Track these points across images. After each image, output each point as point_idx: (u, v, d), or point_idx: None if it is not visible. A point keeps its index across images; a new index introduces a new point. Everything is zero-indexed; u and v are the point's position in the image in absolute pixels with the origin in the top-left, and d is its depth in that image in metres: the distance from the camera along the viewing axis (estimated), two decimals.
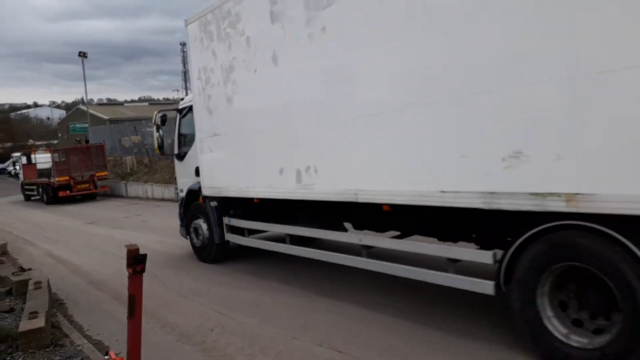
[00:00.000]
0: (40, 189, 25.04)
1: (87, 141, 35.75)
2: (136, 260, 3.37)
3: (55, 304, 6.67)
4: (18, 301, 6.50)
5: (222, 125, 7.32)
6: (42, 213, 20.21)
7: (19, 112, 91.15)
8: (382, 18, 4.60)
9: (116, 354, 4.10)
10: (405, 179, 4.66)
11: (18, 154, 37.16)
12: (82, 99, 62.37)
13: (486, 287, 4.30)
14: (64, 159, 23.93)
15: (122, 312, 5.95)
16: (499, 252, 4.21)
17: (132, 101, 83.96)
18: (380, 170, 4.92)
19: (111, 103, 78.14)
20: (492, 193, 3.93)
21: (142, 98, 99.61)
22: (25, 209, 22.65)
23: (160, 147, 9.49)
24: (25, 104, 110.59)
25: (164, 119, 9.15)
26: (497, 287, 4.20)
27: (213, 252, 8.20)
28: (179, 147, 9.19)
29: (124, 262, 3.42)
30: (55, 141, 56.03)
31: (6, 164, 53.11)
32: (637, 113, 3.08)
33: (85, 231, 13.98)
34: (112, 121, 41.82)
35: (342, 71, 5.15)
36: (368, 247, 5.60)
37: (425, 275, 4.92)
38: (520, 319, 4.06)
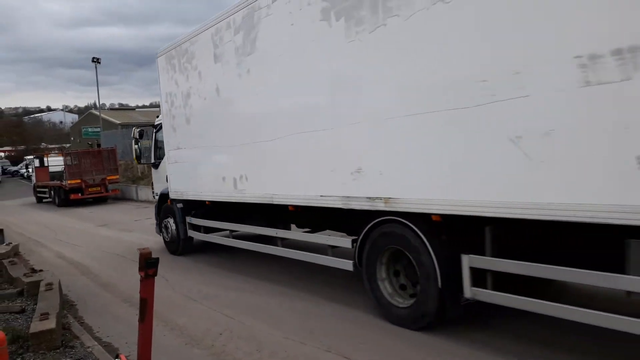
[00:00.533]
0: (52, 192, 25.27)
1: (98, 145, 36.07)
2: (148, 264, 3.39)
3: (66, 305, 6.69)
4: (29, 302, 6.55)
5: (183, 140, 8.88)
6: (53, 215, 20.34)
7: (32, 115, 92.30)
8: (278, 70, 6.29)
9: (126, 357, 4.13)
10: (300, 186, 6.15)
11: (31, 157, 37.61)
12: (95, 104, 63.02)
13: (348, 265, 5.80)
14: (76, 162, 24.11)
15: (132, 314, 6.02)
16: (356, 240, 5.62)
17: (144, 106, 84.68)
18: (286, 179, 6.40)
19: (123, 108, 78.87)
20: (347, 197, 5.42)
21: (153, 103, 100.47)
22: (37, 211, 22.81)
23: (138, 157, 11.44)
24: (38, 108, 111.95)
25: (141, 134, 11.19)
26: (355, 265, 5.67)
27: (180, 246, 9.61)
28: (154, 157, 10.65)
29: (134, 264, 3.46)
30: (68, 145, 56.58)
31: (19, 166, 53.78)
32: (411, 150, 4.66)
33: (96, 234, 14.05)
34: (123, 126, 42.18)
35: (259, 105, 6.73)
36: (283, 239, 7.13)
37: (310, 257, 6.47)
38: (367, 287, 5.53)
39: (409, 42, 4.53)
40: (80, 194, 23.10)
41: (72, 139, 58.82)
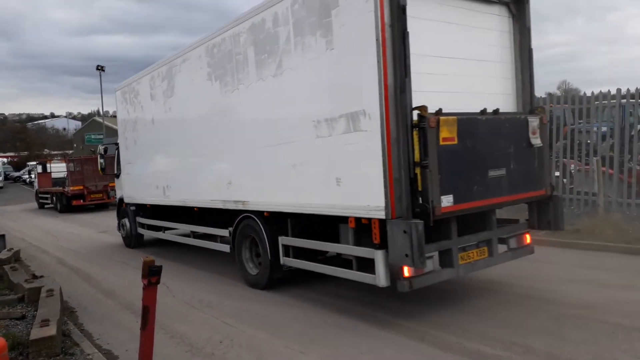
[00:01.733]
0: (54, 198, 25.35)
1: None
2: (151, 272, 3.38)
3: (67, 312, 6.65)
4: (30, 308, 6.52)
5: (133, 157, 11.57)
6: (55, 221, 20.40)
7: (36, 122, 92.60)
8: (186, 110, 8.93)
9: None
10: (199, 193, 8.68)
11: (34, 163, 37.68)
12: (98, 111, 63.28)
13: (227, 248, 8.21)
14: (78, 168, 24.24)
15: (132, 321, 6.02)
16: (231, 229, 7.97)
17: None
18: (191, 188, 8.97)
19: None
20: (225, 201, 7.87)
21: None
22: (39, 217, 22.89)
23: (103, 169, 14.39)
24: (42, 114, 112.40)
25: (105, 150, 14.42)
26: (231, 248, 7.98)
27: (132, 241, 12.03)
28: (117, 169, 12.87)
29: (136, 271, 3.47)
30: (71, 151, 56.77)
31: (22, 172, 53.88)
32: (252, 170, 7.20)
33: (97, 240, 14.09)
34: None
35: (175, 133, 9.38)
36: (194, 232, 9.56)
37: (207, 244, 9.02)
38: (237, 262, 7.85)
39: (249, 102, 7.05)
40: (82, 200, 23.24)
41: (75, 145, 59.04)
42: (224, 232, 8.19)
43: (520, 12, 6.27)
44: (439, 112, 5.03)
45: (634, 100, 10.50)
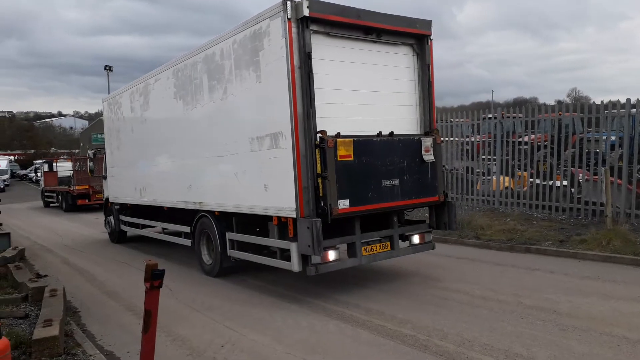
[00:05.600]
0: (59, 197, 25.44)
1: None
2: (154, 276, 3.36)
3: (70, 312, 6.68)
4: (33, 308, 6.53)
5: (116, 161, 13.05)
6: (60, 220, 20.47)
7: (43, 120, 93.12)
8: (158, 123, 10.40)
9: None
10: (167, 195, 10.07)
11: (40, 161, 37.86)
12: None
13: (188, 242, 9.50)
14: (84, 168, 24.24)
15: (135, 323, 6.04)
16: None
17: None
18: (161, 190, 10.34)
19: None
20: (186, 202, 9.21)
21: None
22: (44, 216, 22.99)
23: (92, 171, 16.16)
24: (50, 113, 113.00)
25: (94, 154, 16.38)
26: (192, 242, 9.25)
27: (116, 237, 13.44)
28: (104, 171, 14.19)
29: (139, 273, 3.49)
30: (77, 150, 57.01)
31: (28, 170, 54.15)
32: (205, 175, 8.60)
33: (101, 240, 14.12)
34: None
35: (150, 142, 10.70)
36: (164, 229, 11.09)
37: (173, 239, 10.40)
38: (196, 254, 9.14)
39: (204, 119, 8.39)
40: (87, 200, 23.28)
41: (81, 144, 59.33)
42: (187, 229, 9.42)
43: (422, 51, 7.52)
44: (337, 135, 6.33)
45: None
